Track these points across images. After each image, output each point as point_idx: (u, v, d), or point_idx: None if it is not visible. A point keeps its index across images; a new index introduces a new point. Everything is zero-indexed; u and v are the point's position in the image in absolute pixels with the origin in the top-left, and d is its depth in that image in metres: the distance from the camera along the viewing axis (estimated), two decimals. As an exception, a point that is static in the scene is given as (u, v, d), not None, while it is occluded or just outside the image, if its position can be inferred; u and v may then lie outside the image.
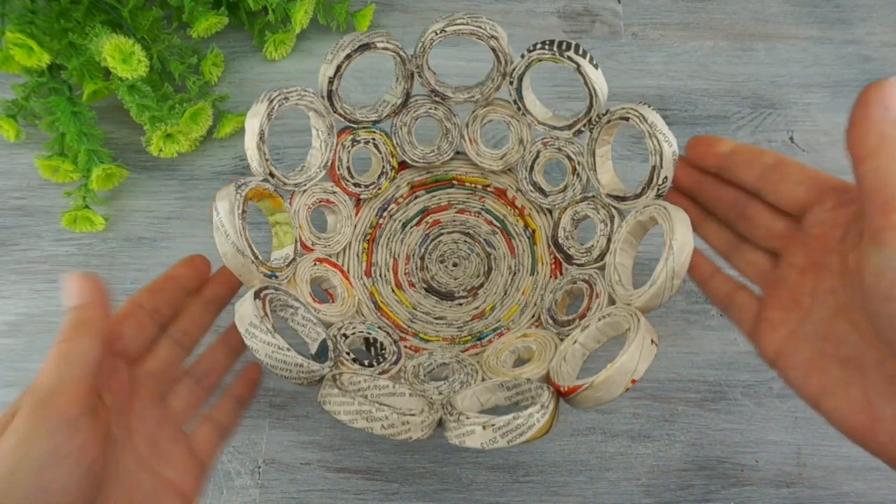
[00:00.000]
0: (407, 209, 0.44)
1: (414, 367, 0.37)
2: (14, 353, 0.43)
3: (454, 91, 0.40)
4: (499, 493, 0.40)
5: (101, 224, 0.45)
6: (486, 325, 0.41)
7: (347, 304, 0.39)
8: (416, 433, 0.29)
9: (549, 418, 0.29)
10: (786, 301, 0.29)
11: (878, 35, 0.52)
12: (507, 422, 0.28)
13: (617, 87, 0.50)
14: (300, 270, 0.37)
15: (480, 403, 0.33)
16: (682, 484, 0.41)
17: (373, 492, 0.40)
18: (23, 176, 0.47)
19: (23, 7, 0.43)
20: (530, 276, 0.42)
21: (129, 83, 0.42)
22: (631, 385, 0.29)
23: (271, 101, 0.34)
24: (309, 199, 0.39)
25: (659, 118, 0.33)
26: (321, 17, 0.50)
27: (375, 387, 0.33)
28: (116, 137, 0.48)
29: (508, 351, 0.37)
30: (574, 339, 0.33)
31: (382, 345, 0.38)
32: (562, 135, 0.39)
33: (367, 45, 0.36)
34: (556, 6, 0.53)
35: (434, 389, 0.34)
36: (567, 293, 0.39)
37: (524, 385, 0.32)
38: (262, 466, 0.41)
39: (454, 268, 0.43)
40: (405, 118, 0.41)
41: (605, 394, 0.29)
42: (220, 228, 0.31)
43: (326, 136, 0.38)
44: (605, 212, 0.38)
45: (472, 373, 0.36)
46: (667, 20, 0.53)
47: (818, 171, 0.29)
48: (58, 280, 0.45)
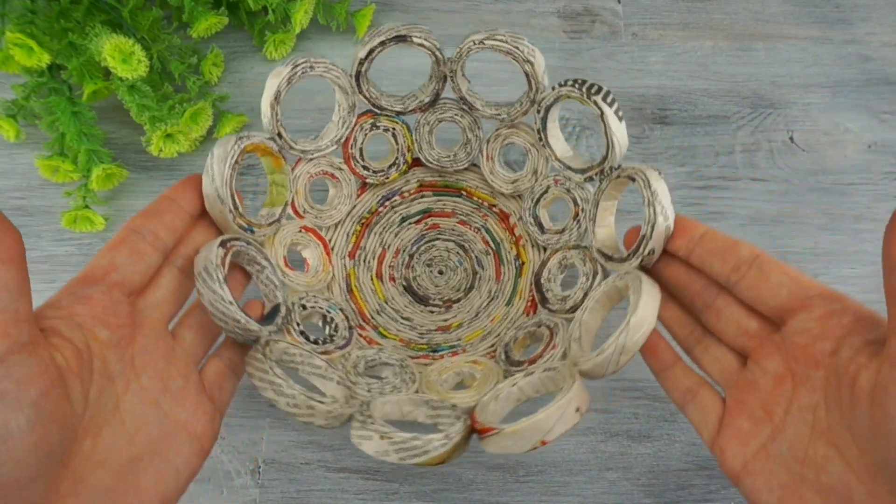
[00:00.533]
0: (410, 205, 0.44)
1: (357, 357, 0.36)
2: (14, 353, 0.43)
3: (483, 104, 0.40)
4: (499, 493, 0.40)
5: (101, 224, 0.45)
6: (446, 340, 0.41)
7: (319, 277, 0.39)
8: (318, 420, 0.29)
9: (449, 449, 0.28)
10: (755, 410, 0.27)
11: (878, 35, 0.52)
12: (405, 439, 0.27)
13: (617, 87, 0.50)
14: (282, 233, 0.38)
15: (401, 413, 0.32)
16: (682, 484, 0.41)
17: (373, 492, 0.40)
18: (23, 176, 0.47)
19: (23, 7, 0.43)
20: (505, 306, 0.41)
21: (129, 83, 0.42)
22: (541, 445, 0.28)
23: (295, 66, 0.35)
24: (314, 168, 0.39)
25: (663, 188, 0.32)
26: (321, 17, 0.50)
27: (309, 364, 0.33)
28: (116, 137, 0.48)
29: (454, 372, 0.37)
30: (515, 381, 0.32)
31: (337, 326, 0.38)
32: (574, 177, 0.38)
33: (404, 38, 0.36)
34: (556, 6, 0.53)
35: (364, 385, 0.34)
36: (529, 334, 0.38)
37: (447, 410, 0.32)
38: (262, 466, 0.41)
39: (439, 275, 0.43)
40: (430, 117, 0.41)
41: (512, 444, 0.28)
42: (208, 171, 0.31)
43: (347, 113, 0.38)
44: (591, 266, 0.37)
45: (408, 381, 0.35)
46: (667, 20, 0.53)
47: (800, 272, 0.27)
48: (58, 280, 0.45)
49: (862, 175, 0.48)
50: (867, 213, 0.47)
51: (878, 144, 0.49)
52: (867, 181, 0.48)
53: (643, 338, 0.28)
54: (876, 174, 0.48)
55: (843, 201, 0.47)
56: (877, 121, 0.49)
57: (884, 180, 0.48)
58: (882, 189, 0.47)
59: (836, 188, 0.47)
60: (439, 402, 0.32)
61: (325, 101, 0.49)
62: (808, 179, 0.48)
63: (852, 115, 0.49)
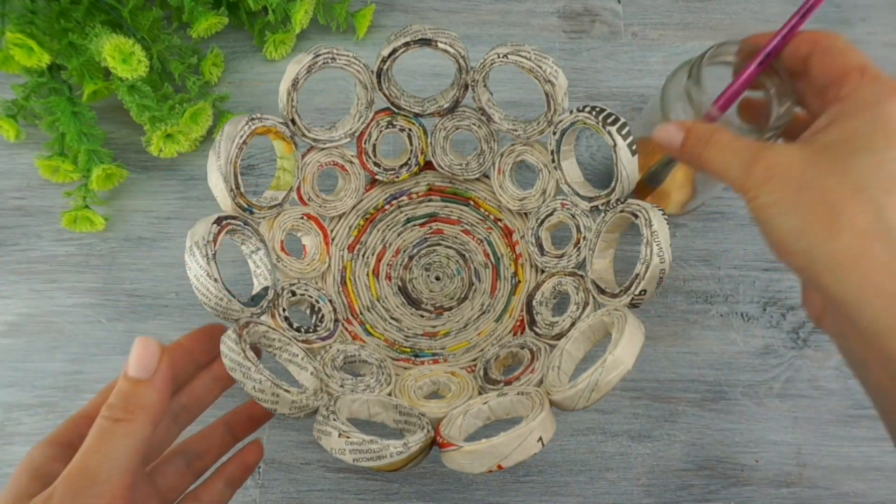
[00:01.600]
0: (417, 207, 0.44)
1: (337, 351, 0.36)
2: (14, 353, 0.43)
3: (501, 118, 0.39)
4: (499, 492, 0.40)
5: (101, 224, 0.45)
6: (430, 347, 0.41)
7: (314, 265, 0.40)
8: (282, 409, 0.29)
9: (405, 458, 0.28)
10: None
11: (878, 35, 0.52)
12: (362, 441, 0.27)
13: (617, 88, 0.50)
14: (283, 217, 0.38)
15: (369, 413, 0.32)
16: (682, 484, 0.41)
17: (373, 492, 0.40)
18: (23, 176, 0.47)
19: (23, 7, 0.43)
20: (494, 321, 0.41)
21: (129, 83, 0.42)
22: (497, 469, 0.27)
23: (317, 56, 0.35)
24: (325, 157, 0.39)
25: (665, 229, 0.31)
26: (321, 18, 0.50)
27: (287, 351, 0.33)
28: (116, 137, 0.48)
29: (430, 380, 0.37)
30: (487, 399, 0.32)
31: (323, 317, 0.38)
32: (581, 203, 0.37)
33: (429, 41, 0.36)
34: (556, 6, 0.53)
35: (339, 380, 0.34)
36: (511, 354, 0.37)
37: (415, 418, 0.31)
38: (262, 466, 0.41)
39: (436, 281, 0.43)
40: (447, 123, 0.41)
41: (469, 464, 0.28)
42: (215, 148, 0.32)
43: (364, 108, 0.39)
44: (584, 296, 0.36)
45: (383, 382, 0.35)
46: (667, 20, 0.53)
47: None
48: (58, 280, 0.45)
49: (862, 175, 0.48)
50: (867, 213, 0.46)
51: (878, 144, 0.49)
52: (867, 181, 0.48)
53: (616, 378, 0.28)
54: (876, 174, 0.48)
55: (843, 201, 0.47)
56: (877, 121, 0.49)
57: (884, 180, 0.48)
58: (882, 189, 0.47)
59: (836, 188, 0.47)
60: (408, 409, 0.32)
61: (324, 102, 0.49)
62: (808, 179, 0.48)
63: (852, 115, 0.49)
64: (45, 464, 0.26)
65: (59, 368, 0.43)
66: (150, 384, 0.25)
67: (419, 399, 0.35)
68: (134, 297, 0.44)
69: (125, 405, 0.24)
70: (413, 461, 0.28)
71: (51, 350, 0.43)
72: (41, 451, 0.27)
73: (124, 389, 0.25)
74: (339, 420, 0.29)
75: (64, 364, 0.43)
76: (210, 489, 0.32)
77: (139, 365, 0.25)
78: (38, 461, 0.26)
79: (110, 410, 0.24)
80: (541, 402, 0.30)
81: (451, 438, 0.29)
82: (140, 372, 0.25)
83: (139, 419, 0.24)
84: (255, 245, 0.34)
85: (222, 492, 0.32)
